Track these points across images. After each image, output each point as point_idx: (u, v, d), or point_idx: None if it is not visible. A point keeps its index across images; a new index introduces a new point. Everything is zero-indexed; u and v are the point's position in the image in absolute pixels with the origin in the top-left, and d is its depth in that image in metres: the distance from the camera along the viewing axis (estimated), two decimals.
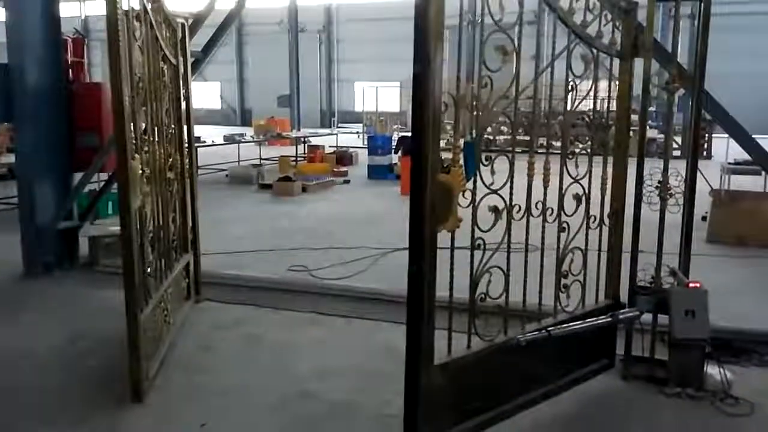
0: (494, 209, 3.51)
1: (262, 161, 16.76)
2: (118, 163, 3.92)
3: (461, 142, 3.37)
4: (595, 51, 3.99)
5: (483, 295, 3.53)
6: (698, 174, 4.32)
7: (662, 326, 4.27)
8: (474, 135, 3.58)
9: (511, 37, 3.41)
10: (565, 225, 3.94)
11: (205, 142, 16.54)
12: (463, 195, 3.30)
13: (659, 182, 4.23)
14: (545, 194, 3.76)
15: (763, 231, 8.29)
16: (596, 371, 4.34)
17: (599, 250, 4.24)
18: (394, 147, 16.20)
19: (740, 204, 8.57)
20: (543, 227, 3.82)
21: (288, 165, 16.13)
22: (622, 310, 4.25)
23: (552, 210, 3.84)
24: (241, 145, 17.68)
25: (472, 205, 3.38)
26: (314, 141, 20.58)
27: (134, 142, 4.11)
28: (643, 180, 4.21)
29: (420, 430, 3.34)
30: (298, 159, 17.70)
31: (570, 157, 4.00)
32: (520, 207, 3.65)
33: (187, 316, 5.49)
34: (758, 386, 4.24)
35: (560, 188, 3.92)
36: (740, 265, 7.50)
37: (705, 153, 19.15)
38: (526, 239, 3.70)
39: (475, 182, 3.39)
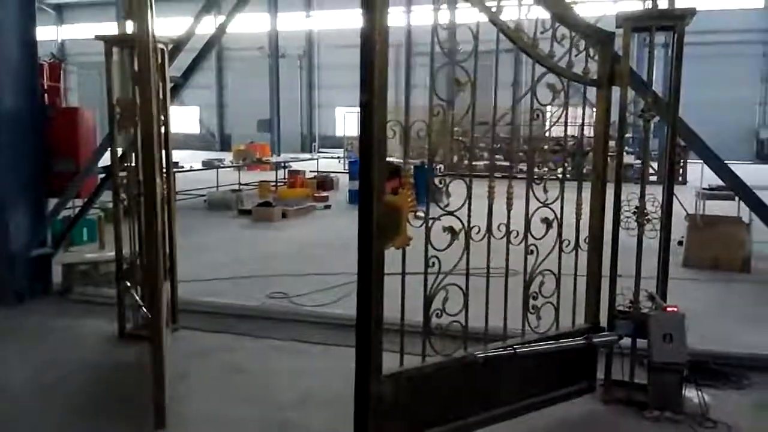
0: (450, 230, 3.64)
1: (241, 186, 16.68)
2: (146, 186, 3.93)
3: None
4: (565, 80, 4.08)
5: (440, 311, 3.63)
6: (674, 199, 4.38)
7: (642, 350, 4.30)
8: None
9: (465, 69, 3.60)
10: (533, 248, 4.02)
11: (183, 167, 16.45)
12: (416, 216, 3.43)
13: (636, 208, 4.28)
14: (508, 216, 3.89)
15: (736, 255, 8.40)
16: (574, 394, 4.36)
17: (575, 274, 4.28)
18: None
19: (715, 229, 8.69)
20: (507, 248, 3.93)
21: (268, 190, 16.07)
22: (597, 334, 4.28)
23: (517, 233, 3.95)
24: (220, 170, 17.59)
25: (425, 225, 3.54)
26: (294, 166, 20.53)
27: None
28: (621, 205, 4.26)
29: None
30: (279, 184, 17.66)
31: (537, 182, 4.10)
32: (480, 228, 3.77)
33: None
34: (735, 408, 4.28)
35: (526, 211, 4.04)
36: (716, 289, 7.58)
37: (680, 178, 19.43)
38: (488, 261, 3.81)
39: (428, 203, 3.55)
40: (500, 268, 3.95)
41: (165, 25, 5.23)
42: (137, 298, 5.44)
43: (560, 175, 4.23)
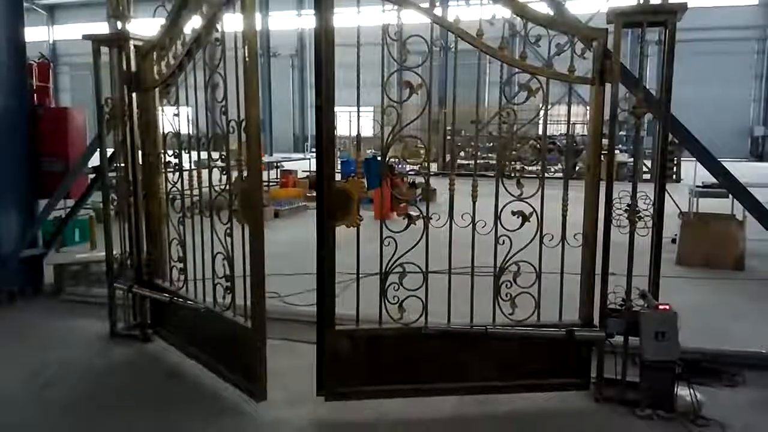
0: (407, 216, 4.17)
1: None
2: (251, 185, 4.29)
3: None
4: (543, 79, 4.17)
5: (397, 285, 4.16)
6: (668, 197, 4.36)
7: (634, 348, 4.28)
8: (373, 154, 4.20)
9: (419, 75, 4.04)
10: (504, 239, 4.21)
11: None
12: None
13: (628, 205, 4.26)
14: (474, 207, 4.19)
15: (730, 253, 8.41)
16: (561, 386, 4.42)
17: (561, 270, 4.32)
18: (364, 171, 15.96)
19: (708, 226, 8.70)
20: (473, 237, 4.25)
21: None
22: (579, 328, 4.29)
23: (485, 222, 4.17)
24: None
25: (381, 210, 4.31)
26: (287, 166, 20.47)
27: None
28: (612, 203, 4.24)
29: (325, 379, 4.26)
30: (271, 184, 17.59)
31: (512, 176, 4.29)
32: (439, 215, 4.17)
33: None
34: (728, 407, 4.27)
35: (496, 205, 4.22)
36: (709, 287, 7.58)
37: (674, 176, 19.45)
38: (450, 247, 4.14)
39: (382, 190, 3.91)
40: (483, 266, 4.20)
41: (150, 25, 5.20)
42: (140, 291, 5.42)
43: (537, 172, 4.32)
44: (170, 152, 5.27)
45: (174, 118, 5.07)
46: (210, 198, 4.74)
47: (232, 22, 4.28)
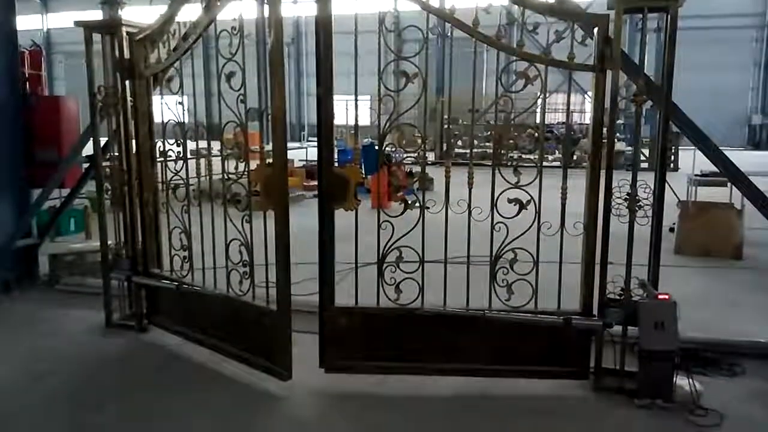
0: (403, 201, 4.32)
1: (230, 175, 16.51)
2: (276, 176, 4.59)
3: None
4: (542, 67, 4.15)
5: (394, 267, 4.28)
6: (666, 186, 4.32)
7: (633, 338, 4.26)
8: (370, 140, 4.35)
9: (415, 64, 4.12)
10: (501, 226, 4.22)
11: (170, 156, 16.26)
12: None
13: (628, 194, 4.22)
14: (470, 195, 4.21)
15: (729, 242, 8.39)
16: (559, 374, 4.43)
17: (560, 259, 4.31)
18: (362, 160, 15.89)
19: (707, 215, 8.67)
20: (468, 222, 4.27)
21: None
22: (578, 317, 4.28)
23: (481, 209, 4.23)
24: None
25: (377, 195, 4.66)
26: None
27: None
28: (612, 192, 4.20)
29: (326, 350, 4.52)
30: None
31: (510, 165, 4.34)
32: (435, 202, 4.27)
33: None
34: (726, 396, 4.25)
35: (492, 191, 4.26)
36: (708, 276, 7.56)
37: (672, 165, 19.41)
38: (446, 232, 4.20)
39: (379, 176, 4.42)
40: (480, 255, 4.20)
41: (143, 12, 5.13)
42: (141, 281, 5.39)
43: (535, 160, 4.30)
44: (170, 141, 5.23)
45: (177, 106, 5.03)
46: (223, 186, 4.73)
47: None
